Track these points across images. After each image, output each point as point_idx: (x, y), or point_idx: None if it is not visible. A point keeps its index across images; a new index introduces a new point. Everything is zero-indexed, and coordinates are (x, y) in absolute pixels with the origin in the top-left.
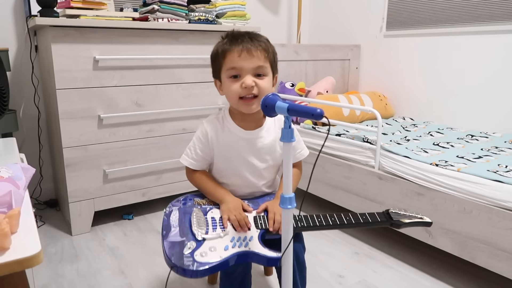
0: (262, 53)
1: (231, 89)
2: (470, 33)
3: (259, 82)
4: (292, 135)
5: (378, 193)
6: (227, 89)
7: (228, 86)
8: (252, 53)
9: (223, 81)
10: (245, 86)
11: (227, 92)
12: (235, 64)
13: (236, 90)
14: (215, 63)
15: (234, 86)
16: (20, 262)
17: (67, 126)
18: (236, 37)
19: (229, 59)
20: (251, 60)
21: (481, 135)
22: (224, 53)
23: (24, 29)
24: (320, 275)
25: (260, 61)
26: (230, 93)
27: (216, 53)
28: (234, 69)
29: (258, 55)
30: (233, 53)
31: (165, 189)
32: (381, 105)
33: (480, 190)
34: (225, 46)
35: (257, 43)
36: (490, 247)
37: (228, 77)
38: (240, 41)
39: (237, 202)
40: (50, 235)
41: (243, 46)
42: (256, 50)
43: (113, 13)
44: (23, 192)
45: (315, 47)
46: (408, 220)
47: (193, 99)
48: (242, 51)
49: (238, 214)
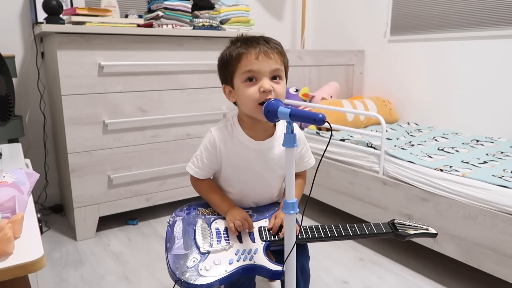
0: (278, 56)
1: (248, 94)
2: (475, 38)
3: (276, 86)
4: (294, 140)
5: (382, 198)
6: (243, 94)
7: (244, 91)
8: (270, 55)
9: (237, 86)
10: (263, 90)
11: (242, 97)
12: (252, 66)
13: (253, 95)
14: (227, 68)
15: (251, 90)
16: (23, 266)
17: (72, 131)
18: (251, 40)
19: (245, 62)
20: (269, 63)
21: (486, 140)
22: (239, 56)
23: (30, 36)
24: (324, 281)
25: (277, 64)
26: (247, 98)
27: (228, 57)
28: (251, 72)
29: (276, 58)
30: (249, 55)
31: (169, 194)
32: (385, 110)
33: (485, 196)
34: (239, 49)
35: (274, 45)
36: (496, 253)
37: (243, 81)
38: (256, 44)
39: (242, 211)
40: (55, 240)
41: (260, 48)
42: (273, 52)
43: (118, 20)
44: (26, 197)
45: (319, 52)
46: (413, 231)
47: (197, 104)
48: (260, 53)
49: (243, 219)
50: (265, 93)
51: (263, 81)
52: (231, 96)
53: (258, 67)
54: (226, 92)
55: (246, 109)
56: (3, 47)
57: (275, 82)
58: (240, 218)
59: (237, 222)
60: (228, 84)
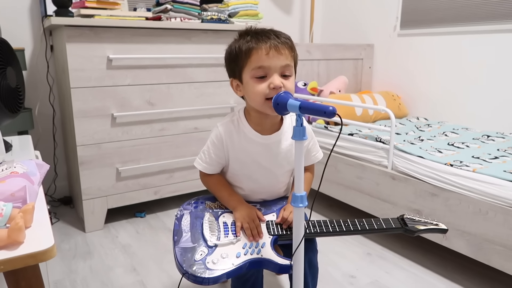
0: (289, 52)
1: (257, 90)
2: (485, 32)
3: (286, 83)
4: (304, 133)
5: (391, 193)
6: (251, 89)
7: (253, 87)
8: (280, 51)
9: (246, 81)
10: (273, 87)
11: (251, 93)
12: (263, 63)
13: (263, 91)
14: (236, 62)
15: (261, 87)
16: (34, 256)
17: (81, 124)
18: (261, 34)
19: (256, 58)
20: (279, 59)
21: (497, 135)
22: (249, 51)
23: (40, 29)
24: (331, 275)
25: (287, 60)
26: (256, 94)
27: (238, 51)
28: (261, 68)
29: (286, 53)
30: (260, 51)
31: (177, 187)
32: (394, 105)
33: (496, 191)
34: (250, 44)
35: (284, 40)
36: (507, 249)
37: (252, 77)
38: (267, 38)
39: (251, 210)
40: (64, 232)
41: (271, 43)
42: (283, 47)
43: (127, 13)
44: (37, 188)
45: (328, 46)
46: (423, 227)
47: (205, 98)
48: (271, 49)
49: (251, 222)
50: (276, 89)
51: (273, 78)
52: (238, 90)
53: (269, 63)
54: (234, 86)
55: (255, 104)
56: (13, 39)
57: (284, 78)
58: (249, 220)
59: (245, 225)
60: (236, 78)
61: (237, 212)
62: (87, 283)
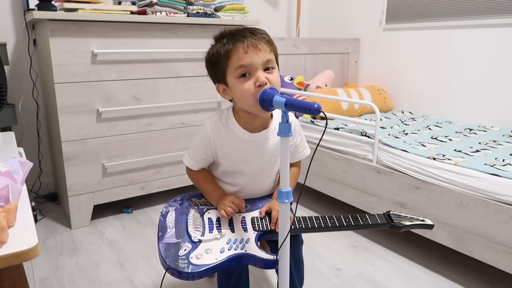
0: (267, 46)
1: (244, 90)
2: (469, 27)
3: (270, 77)
4: (289, 130)
5: (376, 186)
6: (239, 91)
7: (239, 87)
8: (258, 47)
9: (231, 83)
10: (259, 84)
11: (239, 94)
12: (243, 61)
13: (249, 90)
14: (217, 67)
15: (247, 85)
16: (17, 255)
17: (65, 120)
18: (236, 34)
19: (235, 58)
20: (259, 55)
21: (479, 129)
22: (228, 53)
23: (22, 23)
24: (317, 268)
25: (267, 54)
26: (244, 94)
27: (217, 56)
28: (243, 67)
29: (265, 48)
30: (238, 50)
31: (164, 183)
32: (380, 99)
33: (477, 184)
34: (227, 46)
35: (260, 36)
36: (487, 240)
37: (237, 78)
38: (243, 38)
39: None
40: (50, 229)
41: (248, 41)
42: (261, 43)
43: (111, 7)
44: (20, 186)
45: (314, 40)
46: (409, 223)
47: (192, 93)
48: (248, 47)
49: (231, 204)
50: (261, 86)
51: (257, 74)
52: (226, 94)
53: (249, 61)
54: (221, 91)
55: (245, 106)
56: None
57: (268, 72)
58: (229, 203)
59: (227, 209)
60: (222, 83)
61: (219, 204)
62: (74, 280)
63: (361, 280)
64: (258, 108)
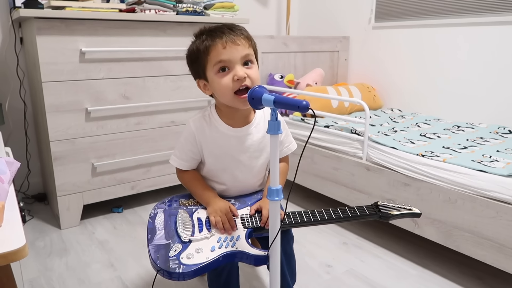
0: (246, 41)
1: (223, 84)
2: (456, 25)
3: (250, 72)
4: (278, 128)
5: (366, 184)
6: (218, 85)
7: (218, 82)
8: (237, 42)
9: (211, 78)
10: (237, 78)
11: (218, 89)
12: (222, 56)
13: (228, 84)
14: (197, 63)
15: (225, 80)
16: (5, 256)
17: (54, 119)
18: (215, 30)
19: (215, 54)
20: (238, 50)
21: (467, 126)
22: (207, 49)
23: (8, 21)
24: (308, 264)
25: (246, 49)
26: (222, 89)
27: (196, 52)
28: (221, 62)
29: (243, 43)
30: (217, 46)
31: (154, 182)
32: (369, 97)
33: (464, 180)
34: (206, 42)
35: (239, 32)
36: (474, 235)
37: (216, 73)
38: (221, 34)
39: (224, 204)
40: (39, 229)
41: (226, 37)
42: (239, 38)
43: (99, 5)
44: (7, 186)
45: (304, 38)
46: (397, 212)
47: (182, 91)
48: (227, 42)
49: (223, 216)
50: (240, 80)
51: (236, 69)
52: (206, 89)
53: (228, 56)
54: (201, 86)
55: (224, 99)
56: None
57: (247, 67)
58: (221, 214)
59: (217, 218)
60: (202, 78)
61: (210, 207)
62: (64, 280)
63: (352, 277)
64: (237, 101)
